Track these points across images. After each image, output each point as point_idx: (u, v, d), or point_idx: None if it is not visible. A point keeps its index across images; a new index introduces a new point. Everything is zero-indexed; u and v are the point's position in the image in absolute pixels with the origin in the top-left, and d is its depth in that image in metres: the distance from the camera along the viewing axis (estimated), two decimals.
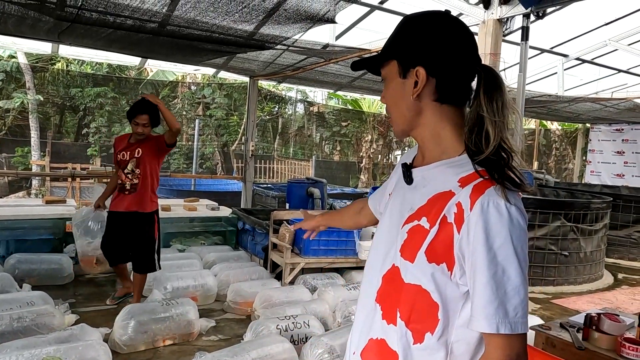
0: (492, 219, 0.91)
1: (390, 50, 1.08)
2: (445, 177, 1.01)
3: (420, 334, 1.00)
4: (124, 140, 3.94)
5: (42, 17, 3.90)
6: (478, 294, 0.91)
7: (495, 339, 0.91)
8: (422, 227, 1.00)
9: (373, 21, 5.18)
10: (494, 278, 0.90)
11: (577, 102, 7.72)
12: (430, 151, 1.07)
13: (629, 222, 7.24)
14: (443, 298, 0.97)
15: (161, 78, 14.13)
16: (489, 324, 0.90)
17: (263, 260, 5.00)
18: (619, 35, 6.20)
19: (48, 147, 12.55)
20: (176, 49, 4.96)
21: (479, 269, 0.91)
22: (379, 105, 15.88)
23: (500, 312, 0.89)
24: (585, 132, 11.95)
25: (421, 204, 1.02)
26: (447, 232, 0.96)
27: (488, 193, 0.93)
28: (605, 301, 5.26)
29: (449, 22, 1.04)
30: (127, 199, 3.78)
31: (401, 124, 1.09)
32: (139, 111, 3.70)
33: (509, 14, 3.44)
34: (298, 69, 5.94)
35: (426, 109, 1.04)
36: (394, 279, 1.05)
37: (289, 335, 3.19)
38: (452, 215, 0.95)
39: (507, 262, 0.90)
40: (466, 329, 0.97)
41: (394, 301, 1.04)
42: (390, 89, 1.08)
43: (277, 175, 15.30)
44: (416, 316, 1.00)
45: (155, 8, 3.68)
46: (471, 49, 1.05)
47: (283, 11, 3.80)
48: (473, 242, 0.92)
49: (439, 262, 0.97)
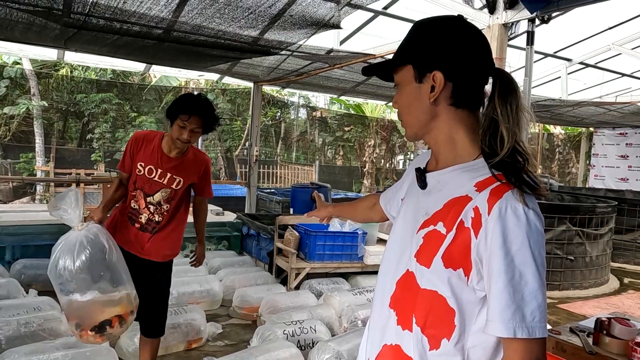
0: (510, 223, 0.91)
1: (405, 54, 1.07)
2: (461, 181, 1.01)
3: (436, 340, 0.99)
4: (152, 144, 2.56)
5: (49, 24, 3.93)
6: (495, 298, 0.91)
7: (514, 343, 0.91)
8: (439, 232, 0.99)
9: (377, 26, 5.20)
10: (511, 282, 0.90)
11: (580, 106, 7.71)
12: (444, 155, 1.07)
13: (634, 227, 7.22)
14: (459, 304, 0.97)
15: (165, 84, 14.18)
16: (507, 328, 0.89)
17: (268, 265, 5.00)
18: (623, 39, 6.20)
19: (52, 152, 12.59)
20: (181, 54, 4.99)
21: (496, 273, 0.91)
22: (381, 110, 15.90)
23: (517, 316, 0.89)
24: (588, 136, 11.93)
25: (437, 209, 1.02)
26: (464, 237, 0.95)
27: (506, 197, 0.93)
28: (611, 306, 5.24)
29: (464, 26, 1.05)
30: (143, 238, 2.57)
31: (415, 128, 1.08)
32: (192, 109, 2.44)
33: (514, 18, 3.45)
34: (302, 74, 5.95)
35: (442, 114, 1.04)
36: (409, 284, 1.04)
37: (295, 340, 3.19)
38: (470, 220, 0.95)
39: (525, 267, 0.90)
40: (482, 334, 0.97)
41: (410, 307, 1.03)
42: (405, 94, 1.08)
43: (280, 180, 15.30)
44: (432, 322, 0.99)
45: (161, 14, 3.70)
46: (486, 52, 1.06)
47: (289, 17, 3.82)
48: (490, 246, 0.91)
49: (455, 268, 0.96)
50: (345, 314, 3.72)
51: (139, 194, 2.56)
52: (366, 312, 3.67)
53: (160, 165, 2.54)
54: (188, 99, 2.52)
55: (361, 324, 3.58)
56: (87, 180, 8.08)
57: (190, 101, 2.49)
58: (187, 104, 2.46)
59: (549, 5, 3.21)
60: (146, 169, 2.54)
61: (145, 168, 2.54)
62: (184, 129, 2.45)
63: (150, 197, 2.56)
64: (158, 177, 2.54)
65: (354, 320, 3.65)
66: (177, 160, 2.57)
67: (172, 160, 2.56)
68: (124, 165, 2.61)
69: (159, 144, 2.56)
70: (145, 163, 2.53)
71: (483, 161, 1.00)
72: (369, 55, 5.00)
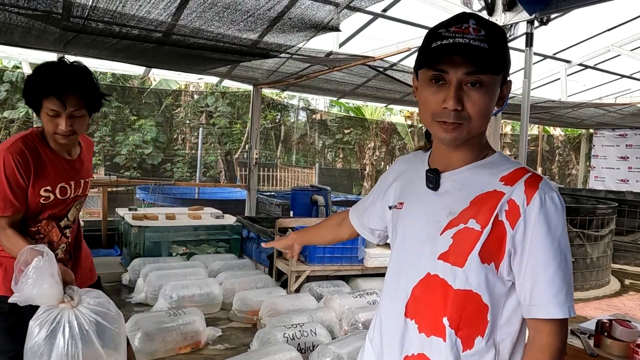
0: (550, 212, 0.96)
1: (505, 62, 1.01)
2: (483, 178, 1.04)
3: (470, 340, 1.00)
4: (44, 155, 1.78)
5: (49, 28, 3.93)
6: (546, 282, 0.96)
7: (552, 326, 0.97)
8: (472, 229, 1.00)
9: (376, 29, 5.21)
10: (560, 266, 0.96)
11: (580, 107, 7.71)
12: (461, 157, 1.07)
13: (635, 228, 7.21)
14: (492, 298, 1.00)
15: (164, 87, 14.20)
16: (562, 309, 0.95)
17: (268, 268, 4.99)
18: (622, 40, 6.21)
19: None
20: (181, 58, 5.00)
21: (543, 259, 0.96)
22: (381, 112, 15.91)
23: (569, 297, 0.96)
24: (588, 137, 11.94)
25: (464, 207, 1.02)
26: (499, 230, 0.98)
27: (542, 187, 0.98)
28: (612, 307, 5.23)
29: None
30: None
31: (477, 132, 1.04)
32: (58, 87, 1.68)
33: (513, 20, 3.45)
34: (302, 76, 5.96)
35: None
36: (434, 287, 1.03)
37: (295, 343, 3.18)
38: (504, 213, 0.98)
39: (567, 250, 0.98)
40: (509, 326, 1.01)
41: (437, 311, 1.02)
42: (489, 98, 1.00)
43: (280, 183, 15.30)
44: (466, 322, 1.00)
45: (161, 18, 3.71)
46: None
47: (288, 20, 3.82)
48: (533, 234, 0.96)
49: (489, 262, 0.99)
50: (346, 316, 3.71)
51: (47, 224, 1.82)
52: (367, 314, 3.66)
53: (70, 177, 1.85)
54: (47, 73, 1.70)
55: (362, 326, 3.57)
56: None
57: (51, 76, 1.68)
58: (47, 82, 1.67)
59: (547, 6, 3.21)
60: (57, 191, 1.80)
61: (54, 191, 1.79)
62: (57, 118, 1.70)
63: (64, 218, 1.89)
64: (73, 190, 1.88)
65: (354, 323, 3.64)
66: (79, 159, 1.90)
67: (75, 162, 1.88)
68: (14, 204, 1.69)
69: (49, 149, 1.79)
70: (53, 185, 1.78)
71: (497, 156, 1.07)
72: (368, 57, 5.01)
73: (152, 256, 5.06)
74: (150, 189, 8.70)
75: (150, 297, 4.20)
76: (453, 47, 0.94)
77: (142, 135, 13.85)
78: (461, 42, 0.94)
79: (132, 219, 5.24)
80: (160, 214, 5.72)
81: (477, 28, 0.95)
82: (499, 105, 1.06)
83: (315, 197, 6.22)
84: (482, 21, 0.98)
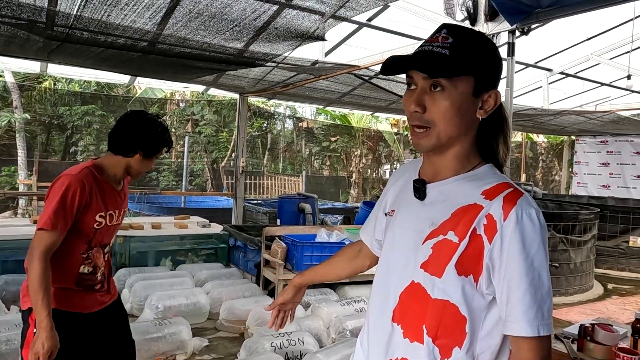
0: (527, 229, 0.96)
1: (469, 65, 1.01)
2: (466, 190, 1.04)
3: (448, 349, 1.01)
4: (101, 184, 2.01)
5: (32, 37, 3.90)
6: (518, 299, 0.95)
7: (530, 342, 0.96)
8: (450, 241, 1.01)
9: (361, 38, 5.26)
10: (532, 284, 0.95)
11: (562, 115, 7.86)
12: (447, 166, 1.08)
13: (617, 233, 7.33)
14: (470, 311, 1.00)
15: (150, 96, 14.12)
16: (531, 327, 0.94)
17: (255, 277, 4.97)
18: (601, 49, 6.36)
19: (35, 166, 12.41)
20: (167, 66, 4.99)
21: (517, 276, 0.95)
22: (367, 120, 16.01)
23: (539, 315, 0.95)
24: (570, 144, 12.15)
25: (444, 219, 1.03)
26: (477, 244, 0.99)
27: (520, 203, 0.98)
28: (596, 312, 5.30)
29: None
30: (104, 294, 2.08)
31: (446, 137, 1.03)
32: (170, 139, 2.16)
33: (495, 30, 3.52)
34: (288, 85, 5.98)
35: (474, 128, 1.07)
36: (417, 295, 1.04)
37: (283, 352, 3.16)
38: (482, 227, 0.99)
39: (541, 268, 0.96)
40: (489, 339, 1.01)
41: (419, 318, 1.04)
42: (452, 101, 1.00)
43: (267, 191, 15.27)
44: (443, 332, 1.01)
45: (146, 27, 3.70)
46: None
47: (274, 29, 3.84)
48: (509, 250, 0.96)
49: (467, 275, 1.00)
50: (334, 324, 3.71)
51: (97, 251, 2.02)
52: (354, 322, 3.66)
53: (116, 206, 2.08)
54: (165, 131, 2.13)
55: (349, 334, 3.57)
56: None
57: (167, 132, 2.14)
58: (167, 136, 2.13)
59: (528, 17, 3.28)
60: (107, 218, 2.02)
61: (106, 217, 2.01)
62: (152, 163, 2.15)
63: (107, 245, 2.11)
64: (117, 219, 2.10)
65: (342, 331, 3.63)
66: (122, 191, 2.16)
67: (121, 193, 2.13)
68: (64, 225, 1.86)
69: (105, 180, 2.03)
70: (105, 212, 1.99)
71: (485, 169, 1.07)
72: (354, 66, 5.05)
73: (138, 266, 5.00)
74: (135, 198, 8.61)
75: (135, 308, 4.15)
76: (418, 54, 1.01)
77: None
78: (425, 50, 1.00)
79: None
80: (146, 223, 5.67)
81: (446, 36, 1.01)
82: (480, 114, 1.05)
83: (302, 205, 6.22)
84: (454, 30, 1.02)
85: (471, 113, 1.04)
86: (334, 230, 4.92)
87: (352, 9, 3.65)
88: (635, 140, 10.24)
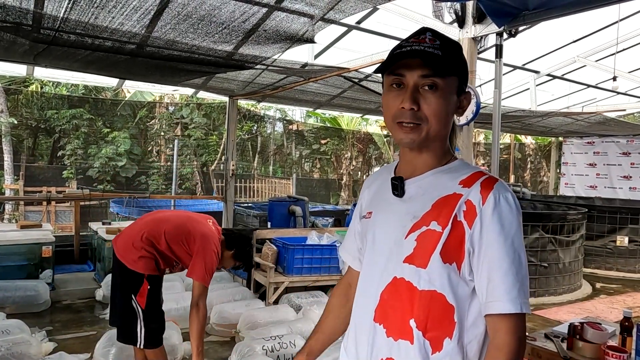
0: (504, 211, 1.01)
1: (454, 67, 1.08)
2: (444, 182, 1.08)
3: (439, 342, 1.02)
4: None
5: (18, 40, 3.85)
6: (499, 279, 0.98)
7: (509, 322, 0.98)
8: (434, 230, 1.04)
9: (351, 41, 5.28)
10: (513, 263, 0.99)
11: (549, 116, 7.95)
12: (424, 162, 1.12)
13: (604, 232, 7.42)
14: (457, 299, 1.02)
15: (139, 99, 14.01)
16: (514, 305, 0.97)
17: (246, 280, 4.95)
18: (587, 52, 6.45)
19: (22, 170, 12.25)
20: (155, 69, 4.95)
21: (498, 256, 0.99)
22: (357, 122, 16.04)
23: (521, 293, 0.98)
24: (558, 145, 12.28)
25: (426, 210, 1.06)
26: (458, 230, 1.02)
27: (497, 187, 1.03)
28: (585, 311, 5.35)
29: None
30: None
31: (434, 135, 1.07)
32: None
33: (483, 32, 3.55)
34: (277, 88, 5.97)
35: (450, 126, 1.13)
36: (400, 291, 1.05)
37: (275, 355, 3.15)
38: (462, 214, 1.02)
39: (520, 249, 1.01)
40: (475, 328, 1.03)
41: (405, 313, 1.04)
42: (446, 101, 1.06)
43: (257, 194, 15.22)
44: (433, 323, 1.02)
45: (134, 30, 3.68)
46: None
47: (263, 32, 3.84)
48: (489, 232, 1.00)
49: (451, 262, 1.02)
50: None
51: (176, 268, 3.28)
52: None
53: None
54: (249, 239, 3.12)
55: (341, 337, 3.56)
56: (59, 198, 7.89)
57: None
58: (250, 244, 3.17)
59: (515, 19, 3.32)
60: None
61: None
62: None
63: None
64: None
65: None
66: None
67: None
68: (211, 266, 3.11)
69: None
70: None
71: (458, 162, 1.12)
72: (343, 69, 5.06)
73: None
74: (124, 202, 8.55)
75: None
76: (410, 52, 1.03)
77: (116, 147, 13.60)
78: (417, 49, 1.04)
79: (106, 233, 5.14)
80: None
81: (433, 39, 1.05)
82: (458, 114, 1.12)
83: (292, 207, 6.21)
84: (437, 34, 1.08)
85: (453, 112, 1.10)
86: (324, 233, 4.92)
87: (341, 12, 3.65)
88: (621, 141, 10.38)
